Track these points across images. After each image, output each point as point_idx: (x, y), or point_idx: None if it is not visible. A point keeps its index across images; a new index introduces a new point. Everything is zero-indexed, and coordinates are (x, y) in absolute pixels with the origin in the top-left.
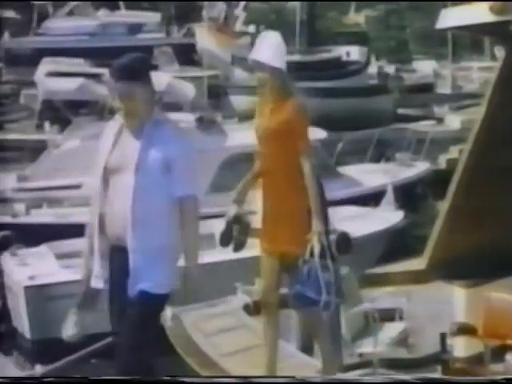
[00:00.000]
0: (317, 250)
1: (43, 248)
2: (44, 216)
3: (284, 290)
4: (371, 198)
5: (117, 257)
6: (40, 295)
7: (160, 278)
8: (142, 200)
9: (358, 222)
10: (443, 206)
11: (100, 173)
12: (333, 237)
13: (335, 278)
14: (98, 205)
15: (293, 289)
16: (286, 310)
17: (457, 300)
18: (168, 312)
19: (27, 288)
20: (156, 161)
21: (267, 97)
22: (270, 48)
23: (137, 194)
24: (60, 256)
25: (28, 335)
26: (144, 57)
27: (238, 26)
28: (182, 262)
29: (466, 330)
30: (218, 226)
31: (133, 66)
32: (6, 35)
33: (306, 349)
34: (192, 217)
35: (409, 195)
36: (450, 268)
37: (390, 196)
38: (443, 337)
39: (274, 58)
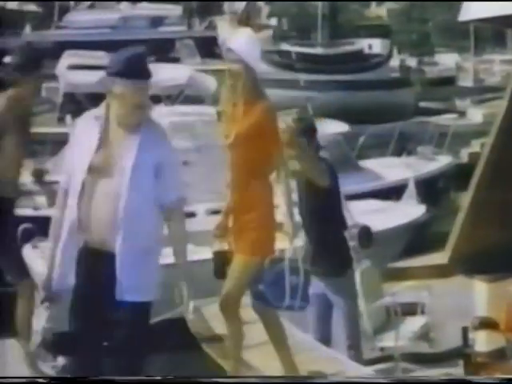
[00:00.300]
0: (287, 253)
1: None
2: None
3: None
4: (393, 192)
5: (97, 261)
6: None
7: (145, 283)
8: (135, 203)
9: (380, 216)
10: (465, 200)
11: (83, 171)
12: (354, 230)
13: (304, 282)
14: (76, 206)
15: (255, 287)
16: None
17: (479, 294)
18: (190, 305)
19: None
20: (150, 163)
21: (237, 96)
22: (249, 42)
23: (130, 197)
24: None
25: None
26: (146, 52)
27: (260, 19)
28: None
29: (488, 324)
30: None
31: (144, 62)
32: (28, 28)
33: (324, 340)
34: (182, 217)
35: (430, 189)
36: (471, 262)
37: (411, 190)
38: (465, 331)
39: (251, 53)
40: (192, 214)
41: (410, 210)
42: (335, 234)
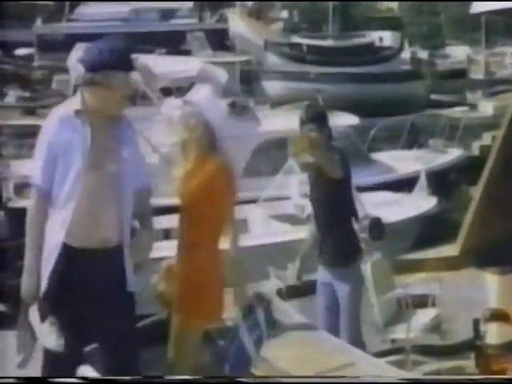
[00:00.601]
0: (240, 315)
1: None
2: None
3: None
4: (404, 185)
5: (94, 260)
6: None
7: (131, 275)
8: (129, 197)
9: (391, 208)
10: (476, 193)
11: (75, 171)
12: (365, 222)
13: (267, 324)
14: (71, 208)
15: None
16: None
17: (489, 287)
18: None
19: None
20: (130, 155)
21: (189, 150)
22: (210, 97)
23: (126, 191)
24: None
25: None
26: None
27: (272, 12)
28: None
29: (499, 316)
30: (250, 211)
31: (131, 54)
32: (39, 21)
33: (332, 331)
34: (149, 207)
35: (442, 182)
36: (482, 254)
37: (423, 182)
38: (476, 323)
39: (211, 108)
40: None
41: (421, 202)
42: (344, 224)
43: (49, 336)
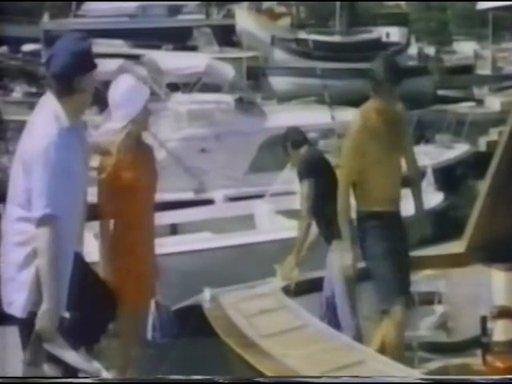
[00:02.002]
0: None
1: None
2: None
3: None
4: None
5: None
6: None
7: None
8: None
9: None
10: (482, 189)
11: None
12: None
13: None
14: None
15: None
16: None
17: (496, 283)
18: (206, 294)
19: None
20: None
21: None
22: (131, 91)
23: None
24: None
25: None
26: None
27: (278, 8)
28: None
29: (506, 313)
30: (257, 207)
31: (92, 51)
32: (46, 17)
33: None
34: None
35: (448, 177)
36: (489, 251)
37: (429, 178)
38: (484, 320)
39: (131, 104)
40: (210, 201)
41: (428, 197)
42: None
43: (89, 362)
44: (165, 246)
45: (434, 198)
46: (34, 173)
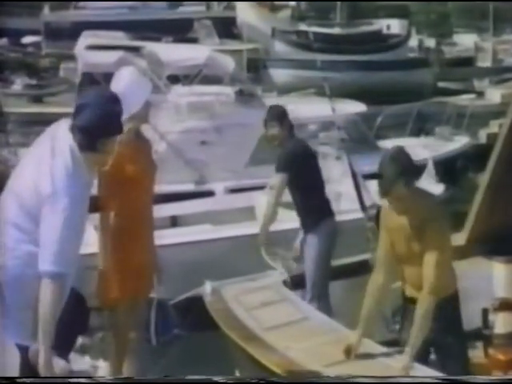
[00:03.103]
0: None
1: None
2: None
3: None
4: None
5: None
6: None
7: None
8: None
9: None
10: (482, 181)
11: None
12: (373, 211)
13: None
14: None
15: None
16: None
17: (496, 276)
18: (207, 286)
19: None
20: None
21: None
22: (133, 83)
23: None
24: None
25: None
26: None
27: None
28: None
29: (508, 305)
30: (257, 199)
31: (121, 115)
32: (46, 9)
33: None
34: None
35: (449, 170)
36: (489, 243)
37: (430, 170)
38: (485, 312)
39: (138, 88)
40: (210, 193)
41: (428, 189)
42: (312, 196)
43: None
44: (165, 237)
45: (435, 190)
46: (46, 221)
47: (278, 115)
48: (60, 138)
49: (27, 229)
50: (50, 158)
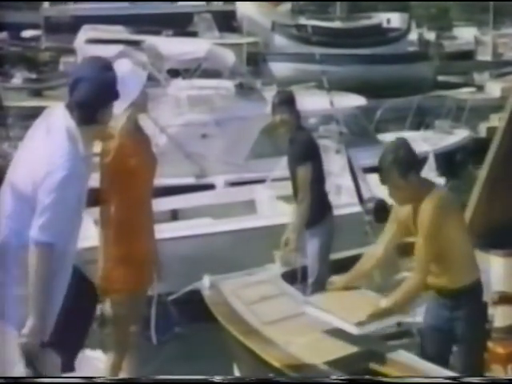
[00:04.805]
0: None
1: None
2: None
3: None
4: None
5: None
6: (79, 259)
7: None
8: None
9: None
10: (481, 175)
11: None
12: (371, 204)
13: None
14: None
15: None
16: None
17: (495, 269)
18: (206, 280)
19: None
20: None
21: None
22: (131, 74)
23: None
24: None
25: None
26: None
27: None
28: None
29: (507, 298)
30: (258, 192)
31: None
32: (46, 3)
33: None
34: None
35: (448, 163)
36: (487, 237)
37: (431, 163)
38: (484, 306)
39: (135, 77)
40: (211, 187)
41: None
42: (316, 190)
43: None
44: (165, 231)
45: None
46: (41, 196)
47: (288, 100)
48: (54, 119)
49: (26, 220)
50: (44, 139)
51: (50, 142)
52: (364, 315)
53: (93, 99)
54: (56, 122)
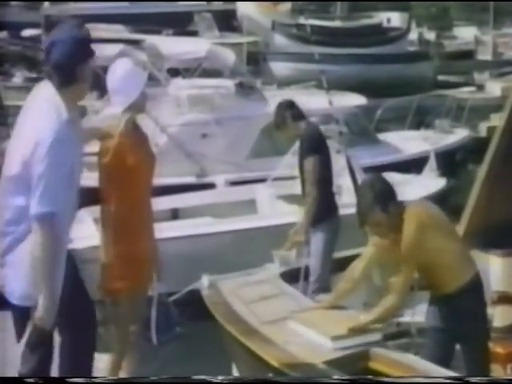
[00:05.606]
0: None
1: (83, 212)
2: (84, 180)
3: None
4: (411, 165)
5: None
6: (79, 258)
7: None
8: None
9: (399, 189)
10: (480, 174)
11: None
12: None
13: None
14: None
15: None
16: None
17: (493, 269)
18: (204, 280)
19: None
20: None
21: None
22: (128, 75)
23: None
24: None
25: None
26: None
27: None
28: None
29: (506, 298)
30: (258, 192)
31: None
32: (46, 2)
33: None
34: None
35: (448, 162)
36: (486, 236)
37: (432, 163)
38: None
39: (134, 77)
40: (211, 186)
41: (430, 183)
42: (323, 189)
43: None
44: (166, 230)
45: (436, 183)
46: (34, 170)
47: (291, 112)
48: (33, 96)
49: (23, 210)
50: (28, 118)
51: (33, 118)
52: (342, 330)
53: (68, 58)
54: (36, 96)
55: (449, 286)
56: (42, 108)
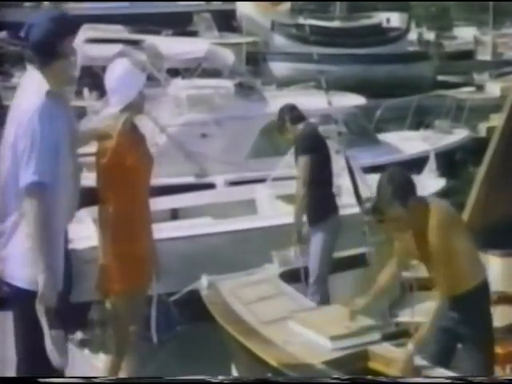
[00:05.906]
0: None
1: (82, 212)
2: (84, 180)
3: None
4: (410, 165)
5: None
6: (78, 259)
7: None
8: None
9: None
10: (479, 175)
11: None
12: (369, 205)
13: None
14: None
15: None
16: None
17: (493, 269)
18: (204, 280)
19: None
20: None
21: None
22: (126, 75)
23: None
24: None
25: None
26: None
27: None
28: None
29: (505, 298)
30: (258, 192)
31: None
32: (46, 2)
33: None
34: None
35: (448, 163)
36: (485, 237)
37: (432, 163)
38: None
39: (132, 78)
40: (211, 186)
41: (430, 183)
42: (322, 189)
43: (59, 354)
44: (165, 230)
45: (436, 183)
46: (21, 146)
47: (293, 115)
48: (20, 85)
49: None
50: (15, 107)
51: (17, 104)
52: (342, 331)
53: (46, 35)
54: (24, 79)
55: (459, 287)
56: (24, 92)
